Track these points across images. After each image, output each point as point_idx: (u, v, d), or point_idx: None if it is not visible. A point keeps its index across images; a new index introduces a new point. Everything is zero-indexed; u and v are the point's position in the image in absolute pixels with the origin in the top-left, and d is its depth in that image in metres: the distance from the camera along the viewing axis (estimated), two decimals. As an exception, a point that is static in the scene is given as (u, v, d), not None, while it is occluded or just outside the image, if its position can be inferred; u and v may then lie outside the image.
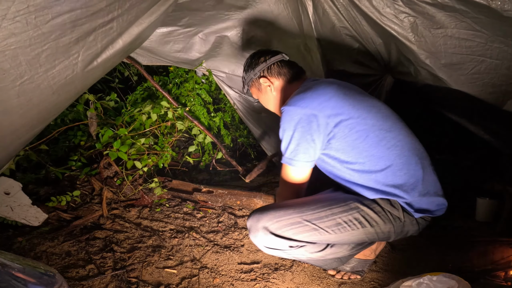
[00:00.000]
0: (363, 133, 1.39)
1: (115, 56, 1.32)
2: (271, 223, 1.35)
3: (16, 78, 1.02)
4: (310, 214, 1.36)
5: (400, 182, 1.40)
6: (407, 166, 1.41)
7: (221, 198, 2.26)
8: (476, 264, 1.69)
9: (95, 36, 1.14)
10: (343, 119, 1.38)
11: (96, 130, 2.29)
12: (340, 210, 1.38)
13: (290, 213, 1.36)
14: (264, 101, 1.73)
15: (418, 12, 1.57)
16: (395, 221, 1.42)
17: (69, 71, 1.17)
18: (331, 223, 1.36)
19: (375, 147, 1.39)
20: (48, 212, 1.96)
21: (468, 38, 1.55)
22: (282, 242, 1.36)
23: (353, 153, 1.40)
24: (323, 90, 1.43)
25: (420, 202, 1.43)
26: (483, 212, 2.13)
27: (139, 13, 1.28)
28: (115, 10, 1.12)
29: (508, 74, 1.60)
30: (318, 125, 1.37)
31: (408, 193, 1.40)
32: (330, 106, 1.39)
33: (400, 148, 1.42)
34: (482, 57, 1.59)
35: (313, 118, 1.37)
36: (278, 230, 1.35)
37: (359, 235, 1.41)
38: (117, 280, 1.53)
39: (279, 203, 1.45)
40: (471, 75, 1.69)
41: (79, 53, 1.14)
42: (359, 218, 1.39)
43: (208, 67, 2.53)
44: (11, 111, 1.13)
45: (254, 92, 1.75)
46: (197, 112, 2.59)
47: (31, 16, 0.90)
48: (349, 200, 1.42)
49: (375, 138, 1.40)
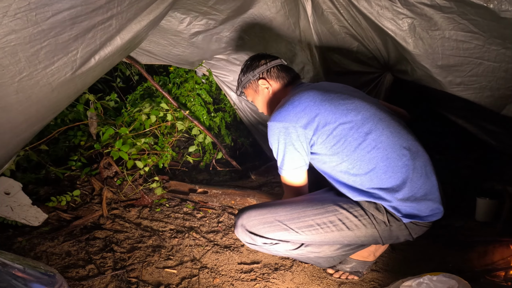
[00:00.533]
0: (341, 138, 1.41)
1: (114, 54, 1.32)
2: (247, 221, 1.45)
3: (15, 75, 1.02)
4: (283, 215, 1.43)
5: (385, 185, 1.39)
6: (392, 168, 1.39)
7: (216, 198, 2.26)
8: (476, 264, 1.69)
9: (94, 33, 1.15)
10: (320, 126, 1.42)
11: (96, 130, 2.29)
12: (315, 212, 1.43)
13: (264, 213, 1.45)
14: (259, 103, 1.77)
15: (416, 13, 1.57)
16: (379, 225, 1.41)
17: (68, 68, 1.17)
18: (302, 225, 1.42)
19: (354, 151, 1.41)
20: (48, 212, 1.96)
21: (466, 40, 1.55)
22: (256, 239, 1.45)
23: (336, 157, 1.43)
24: (298, 101, 1.47)
25: (408, 206, 1.39)
26: (483, 212, 2.12)
27: (138, 10, 1.28)
28: (114, 7, 1.13)
29: (506, 77, 1.60)
30: (297, 136, 1.43)
31: (393, 197, 1.38)
32: (305, 116, 1.43)
33: (383, 150, 1.40)
34: (480, 60, 1.59)
35: (291, 129, 1.43)
36: (253, 228, 1.44)
37: (335, 237, 1.43)
38: (117, 280, 1.53)
39: (261, 203, 1.54)
40: (469, 77, 1.68)
41: (78, 50, 1.14)
42: (335, 221, 1.41)
43: (208, 67, 2.54)
44: (10, 108, 1.13)
45: (249, 94, 1.78)
46: (197, 112, 2.60)
47: (31, 13, 0.91)
48: (328, 202, 1.46)
49: (354, 142, 1.41)
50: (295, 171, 1.50)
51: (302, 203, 1.47)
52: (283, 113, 1.47)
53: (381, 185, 1.39)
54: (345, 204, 1.44)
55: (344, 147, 1.41)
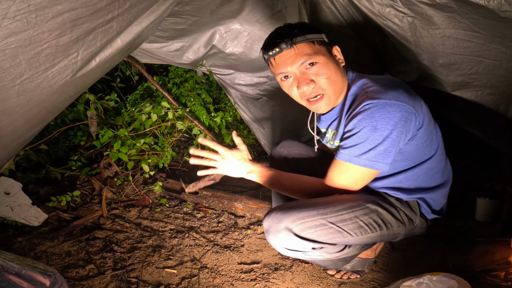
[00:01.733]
0: (430, 134, 1.36)
1: (114, 56, 1.32)
2: (294, 224, 1.25)
3: (15, 77, 1.02)
4: (334, 216, 1.28)
5: (435, 183, 1.43)
6: (443, 167, 1.45)
7: (205, 199, 2.27)
8: (476, 264, 1.68)
9: (94, 35, 1.14)
10: (424, 118, 1.32)
11: (96, 130, 2.29)
12: (362, 212, 1.33)
13: (314, 215, 1.26)
14: (332, 71, 1.32)
15: (416, 12, 1.57)
16: (409, 223, 1.42)
17: (68, 70, 1.17)
18: (354, 226, 1.31)
19: (433, 149, 1.39)
20: (48, 212, 1.96)
21: (466, 39, 1.55)
22: (305, 244, 1.27)
23: (413, 155, 1.36)
24: (408, 87, 1.30)
25: (440, 203, 1.46)
26: (483, 212, 2.12)
27: (139, 12, 1.28)
28: (115, 9, 1.12)
29: (506, 75, 1.60)
30: (414, 125, 1.27)
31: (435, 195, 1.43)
32: (418, 104, 1.28)
33: (442, 148, 1.42)
34: (480, 58, 1.58)
35: (413, 116, 1.25)
36: (302, 232, 1.25)
37: (376, 237, 1.39)
38: (117, 280, 1.53)
39: (299, 202, 1.34)
40: (469, 76, 1.68)
41: (78, 52, 1.14)
42: (378, 220, 1.36)
43: (208, 66, 2.53)
44: (11, 111, 1.13)
45: (320, 52, 1.32)
46: (197, 112, 2.60)
47: (31, 15, 0.90)
48: (369, 202, 1.37)
49: (436, 140, 1.40)
50: (386, 167, 1.28)
51: (348, 203, 1.33)
52: (402, 95, 1.23)
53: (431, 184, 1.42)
54: (383, 204, 1.39)
55: (427, 144, 1.36)
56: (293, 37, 1.28)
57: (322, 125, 1.56)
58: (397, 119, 1.21)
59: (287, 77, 1.35)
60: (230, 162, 1.48)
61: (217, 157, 1.47)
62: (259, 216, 2.12)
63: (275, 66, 1.35)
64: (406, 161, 1.37)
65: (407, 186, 1.41)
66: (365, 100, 1.25)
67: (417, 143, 1.33)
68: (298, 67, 1.30)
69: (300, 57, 1.28)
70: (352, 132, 1.28)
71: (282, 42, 1.29)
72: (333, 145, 1.49)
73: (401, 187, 1.42)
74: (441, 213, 1.51)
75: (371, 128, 1.23)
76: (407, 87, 1.31)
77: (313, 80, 1.30)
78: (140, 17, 1.31)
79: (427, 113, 1.34)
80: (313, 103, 1.36)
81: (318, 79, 1.30)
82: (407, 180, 1.41)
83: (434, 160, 1.40)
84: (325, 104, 1.37)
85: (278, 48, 1.29)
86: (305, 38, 1.29)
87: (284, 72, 1.33)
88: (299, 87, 1.32)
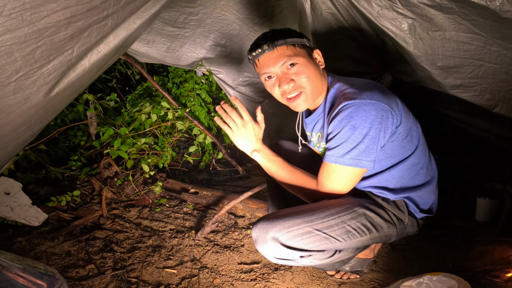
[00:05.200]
0: (410, 131, 1.39)
1: (110, 53, 1.32)
2: (281, 234, 1.26)
3: (12, 74, 1.02)
4: (320, 223, 1.30)
5: (421, 181, 1.44)
6: (427, 164, 1.45)
7: (205, 199, 2.27)
8: (476, 264, 1.68)
9: (89, 32, 1.15)
10: (401, 115, 1.36)
11: (96, 130, 2.29)
12: (349, 217, 1.34)
13: (300, 223, 1.28)
14: (310, 72, 1.39)
15: (416, 14, 1.56)
16: (399, 223, 1.44)
17: (64, 67, 1.17)
18: (341, 231, 1.32)
19: (414, 145, 1.41)
20: (48, 212, 1.96)
21: (466, 41, 1.54)
22: (292, 253, 1.29)
23: (395, 152, 1.39)
24: (381, 87, 1.36)
25: (426, 202, 1.47)
26: (483, 212, 2.12)
27: (133, 10, 1.28)
28: (110, 7, 1.13)
29: (507, 79, 1.59)
30: (392, 123, 1.31)
31: (420, 193, 1.44)
32: (394, 102, 1.34)
33: (423, 143, 1.43)
34: (480, 61, 1.58)
35: (389, 114, 1.29)
36: (289, 241, 1.27)
37: (366, 240, 1.40)
38: (117, 280, 1.53)
39: (285, 211, 1.36)
40: (469, 79, 1.67)
41: (73, 49, 1.15)
42: (367, 224, 1.38)
43: (207, 66, 2.53)
44: (9, 109, 1.13)
45: (300, 54, 1.39)
46: (197, 112, 2.60)
47: (26, 13, 0.91)
48: (356, 206, 1.38)
49: (417, 136, 1.42)
50: (370, 164, 1.32)
51: (334, 208, 1.35)
52: (377, 93, 1.29)
53: (417, 181, 1.43)
54: (371, 206, 1.41)
55: (408, 141, 1.39)
56: (275, 40, 1.38)
57: (307, 128, 1.63)
58: (373, 117, 1.27)
59: (270, 77, 1.43)
60: (246, 133, 1.50)
61: (239, 121, 1.49)
62: (259, 216, 2.12)
63: (259, 67, 1.44)
64: (391, 159, 1.41)
65: (393, 186, 1.43)
66: (342, 102, 1.31)
67: (397, 140, 1.37)
68: (279, 67, 1.38)
69: (281, 58, 1.37)
70: (334, 134, 1.34)
71: (264, 44, 1.39)
72: (319, 147, 1.53)
73: (387, 187, 1.43)
74: (430, 212, 1.52)
75: (350, 127, 1.29)
76: (381, 87, 1.37)
77: (293, 79, 1.38)
78: (134, 14, 1.31)
79: (404, 110, 1.38)
80: (292, 100, 1.43)
81: (297, 78, 1.38)
82: (393, 178, 1.43)
83: (416, 156, 1.42)
84: (303, 102, 1.42)
85: (261, 49, 1.39)
86: (286, 41, 1.39)
87: (267, 72, 1.41)
88: (280, 85, 1.40)
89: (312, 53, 1.45)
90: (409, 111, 1.43)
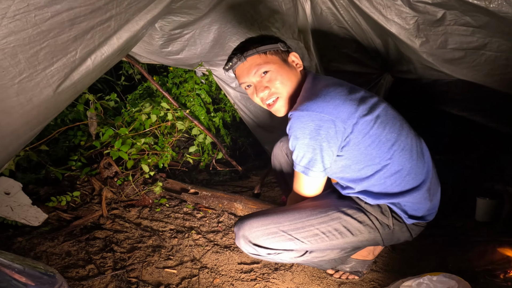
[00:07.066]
0: (376, 138, 1.32)
1: (112, 54, 1.32)
2: (249, 232, 1.38)
3: (15, 76, 1.02)
4: (287, 225, 1.37)
5: (406, 187, 1.38)
6: (415, 170, 1.38)
7: (205, 200, 2.27)
8: (476, 264, 1.68)
9: (92, 34, 1.15)
10: (357, 123, 1.30)
11: (96, 130, 2.29)
12: (319, 221, 1.37)
13: (267, 224, 1.38)
14: (283, 77, 1.42)
15: (418, 11, 1.58)
16: (383, 228, 1.41)
17: (67, 69, 1.17)
18: (307, 234, 1.37)
19: (387, 152, 1.34)
20: (48, 212, 1.96)
21: (468, 34, 1.57)
22: (259, 250, 1.39)
23: (365, 159, 1.34)
24: (334, 92, 1.32)
25: (417, 208, 1.41)
26: (483, 212, 2.12)
27: (136, 11, 1.28)
28: (113, 8, 1.13)
29: (507, 64, 1.63)
30: (336, 132, 1.28)
31: (406, 199, 1.38)
32: (345, 110, 1.29)
33: (409, 151, 1.37)
34: (482, 51, 1.63)
35: (330, 124, 1.27)
36: (256, 240, 1.38)
37: (339, 244, 1.41)
38: (117, 280, 1.53)
39: (262, 211, 1.46)
40: (472, 67, 1.72)
41: (76, 50, 1.15)
42: (340, 228, 1.38)
43: (207, 66, 2.53)
44: (11, 111, 1.13)
45: (272, 61, 1.42)
46: (196, 112, 2.60)
47: (30, 15, 0.91)
48: (332, 209, 1.40)
49: (388, 143, 1.34)
50: (321, 174, 1.36)
51: (306, 211, 1.40)
52: (320, 103, 1.28)
53: (402, 187, 1.37)
54: (348, 210, 1.40)
55: (379, 147, 1.33)
56: (245, 51, 1.42)
57: None
58: (311, 128, 1.28)
59: (249, 86, 1.48)
60: None
61: None
62: (259, 216, 2.12)
63: (237, 77, 1.50)
64: (360, 164, 1.36)
65: (377, 190, 1.39)
66: (292, 110, 1.34)
67: (358, 148, 1.33)
68: (253, 76, 1.43)
69: (252, 68, 1.42)
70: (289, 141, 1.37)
71: (234, 56, 1.45)
72: None
73: (368, 191, 1.40)
74: (422, 219, 1.45)
75: (294, 138, 1.33)
76: (339, 93, 1.32)
77: (267, 86, 1.42)
78: (137, 15, 1.32)
79: (365, 118, 1.31)
80: (271, 106, 1.47)
81: (271, 84, 1.42)
82: (373, 186, 1.39)
83: (396, 162, 1.35)
84: (281, 106, 1.46)
85: (231, 62, 1.46)
86: (256, 50, 1.42)
87: (245, 82, 1.47)
88: (257, 94, 1.45)
89: (288, 56, 1.47)
90: (389, 115, 1.38)
